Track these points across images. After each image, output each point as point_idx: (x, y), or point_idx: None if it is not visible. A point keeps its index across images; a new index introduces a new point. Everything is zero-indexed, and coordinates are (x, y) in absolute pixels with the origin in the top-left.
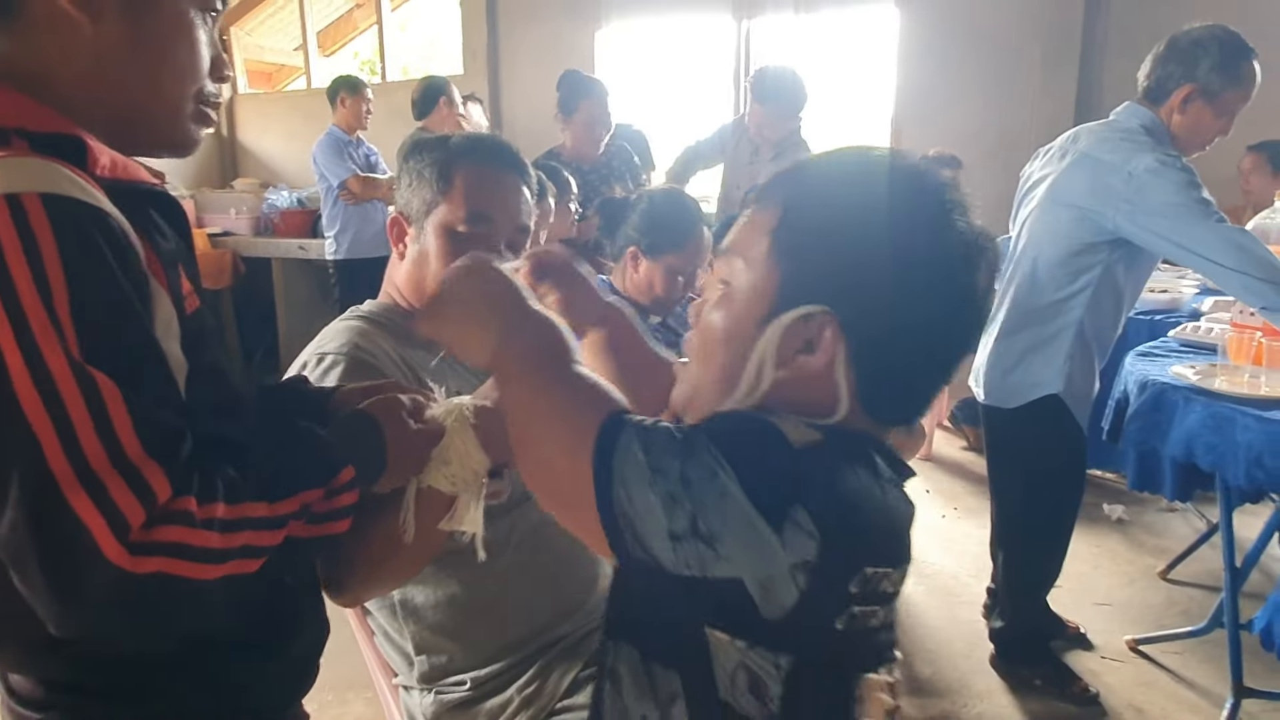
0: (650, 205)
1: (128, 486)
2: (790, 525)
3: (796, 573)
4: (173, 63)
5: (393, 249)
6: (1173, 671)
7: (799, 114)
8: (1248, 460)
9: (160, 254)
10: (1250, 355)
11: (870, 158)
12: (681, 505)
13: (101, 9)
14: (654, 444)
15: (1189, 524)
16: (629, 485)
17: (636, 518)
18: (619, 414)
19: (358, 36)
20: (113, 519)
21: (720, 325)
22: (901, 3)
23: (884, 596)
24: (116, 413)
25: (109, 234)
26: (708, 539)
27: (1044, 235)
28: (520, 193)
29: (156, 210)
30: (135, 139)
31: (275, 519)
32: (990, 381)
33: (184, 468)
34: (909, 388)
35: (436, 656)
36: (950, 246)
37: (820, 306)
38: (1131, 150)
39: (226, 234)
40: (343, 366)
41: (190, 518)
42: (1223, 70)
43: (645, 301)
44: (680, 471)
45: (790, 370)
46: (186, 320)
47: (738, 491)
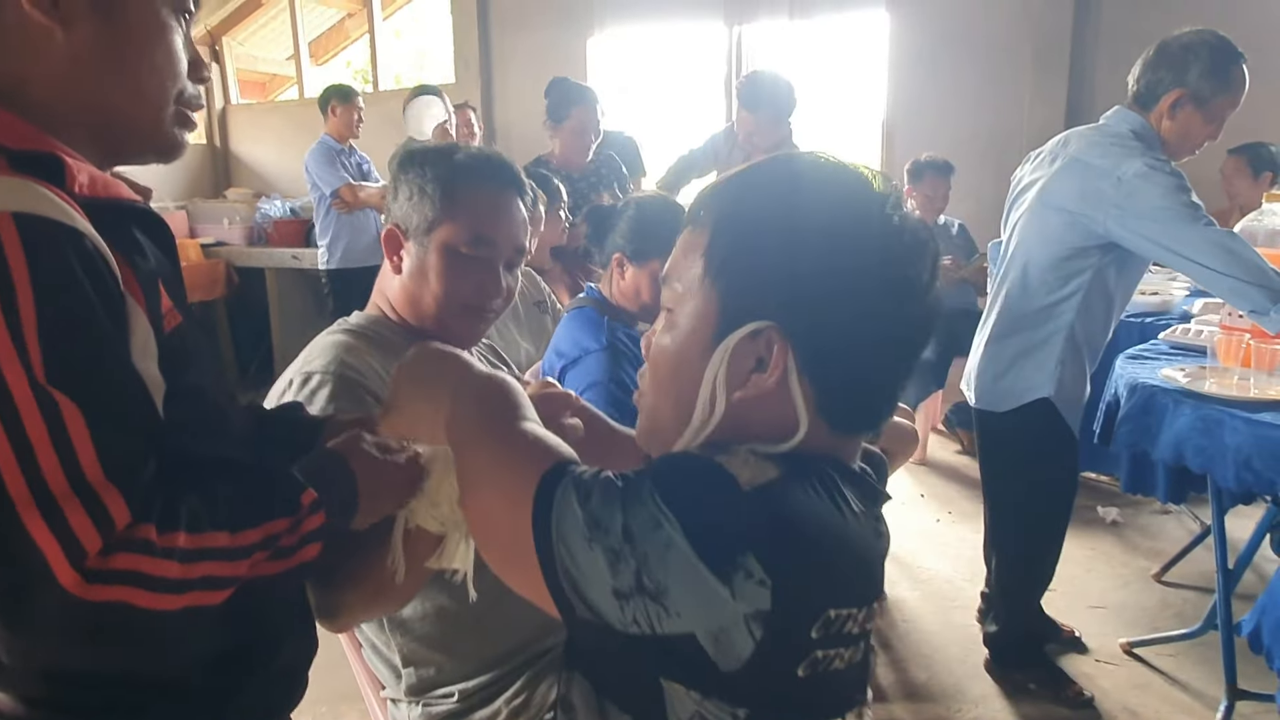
0: (637, 212)
1: (85, 512)
2: (740, 574)
3: (750, 623)
4: (149, 65)
5: (386, 260)
6: (1167, 674)
7: (788, 120)
8: (1237, 463)
9: (138, 273)
10: (1239, 357)
11: (795, 163)
12: (625, 561)
13: (72, 15)
14: (593, 497)
15: (1183, 526)
16: (569, 542)
17: (579, 576)
18: (560, 466)
19: (350, 45)
20: (68, 544)
21: (669, 353)
22: (892, 8)
23: (849, 638)
24: (77, 435)
25: (83, 254)
26: (655, 594)
27: (1034, 240)
28: (521, 213)
29: (139, 227)
30: (118, 145)
31: (238, 549)
32: (982, 386)
33: (145, 494)
34: (866, 392)
35: (424, 669)
36: (885, 241)
37: (765, 321)
38: (1121, 155)
39: (219, 244)
40: (330, 387)
41: (150, 546)
42: (1212, 75)
43: (633, 309)
44: (622, 524)
45: (746, 391)
46: (165, 339)
47: (682, 542)
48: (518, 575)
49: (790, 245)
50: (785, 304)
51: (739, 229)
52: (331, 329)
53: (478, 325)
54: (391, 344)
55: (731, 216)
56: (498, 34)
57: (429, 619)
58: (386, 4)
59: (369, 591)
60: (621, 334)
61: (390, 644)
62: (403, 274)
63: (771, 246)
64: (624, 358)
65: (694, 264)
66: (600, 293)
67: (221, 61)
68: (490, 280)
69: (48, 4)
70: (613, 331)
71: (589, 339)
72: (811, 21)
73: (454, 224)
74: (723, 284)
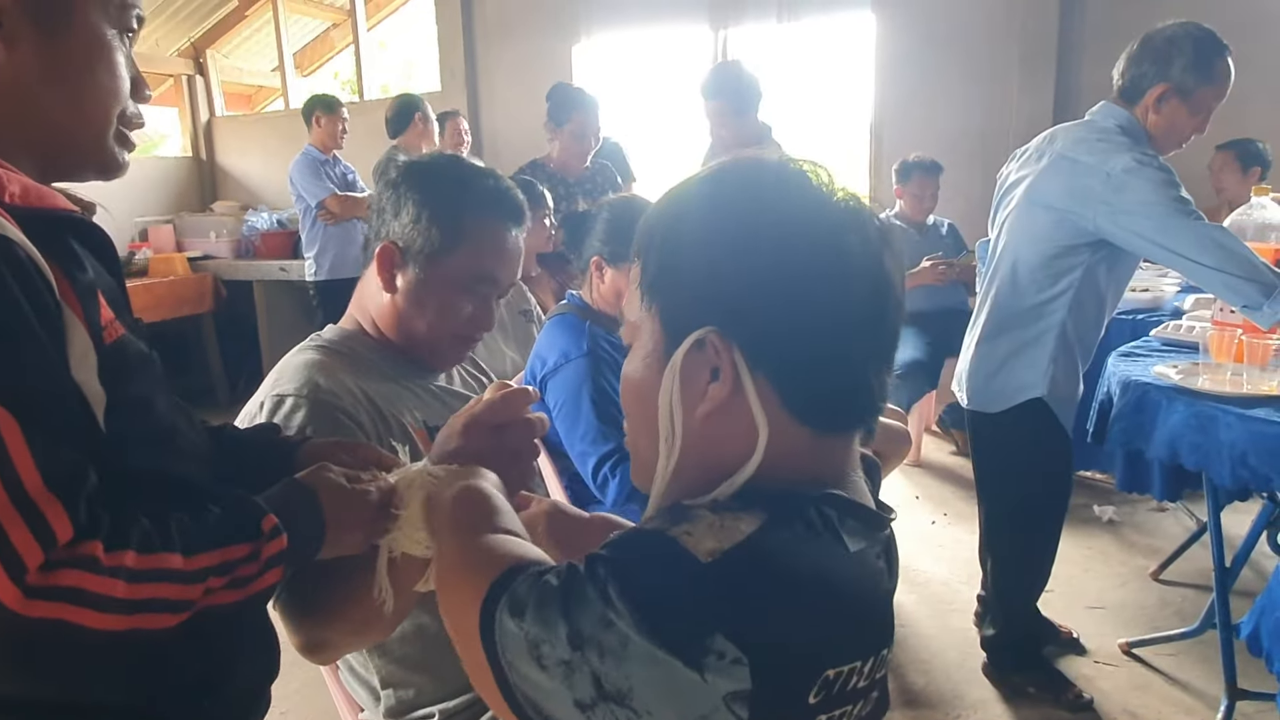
0: (611, 214)
1: (25, 525)
2: (711, 657)
3: (733, 704)
4: (92, 85)
5: (370, 275)
6: (1167, 674)
7: (753, 109)
8: (1232, 459)
9: (75, 284)
10: (1232, 353)
11: (702, 175)
12: (579, 670)
13: (15, 33)
14: (527, 611)
15: (1179, 523)
16: (517, 665)
17: (537, 695)
18: (505, 577)
19: (335, 56)
20: (7, 559)
21: (633, 383)
22: (878, 9)
23: (856, 693)
24: (14, 446)
25: (12, 261)
26: (619, 698)
27: (1023, 238)
28: (520, 247)
29: (76, 238)
30: (58, 162)
31: (191, 573)
32: (973, 386)
33: (89, 507)
34: (829, 376)
35: (404, 690)
36: (805, 215)
37: (705, 328)
38: (1108, 151)
39: (207, 257)
40: (305, 411)
41: (95, 563)
42: (1196, 68)
43: (614, 312)
44: (568, 631)
45: (707, 405)
46: (106, 350)
47: (638, 637)
48: (484, 693)
49: (706, 247)
50: (717, 306)
51: (659, 248)
52: (303, 345)
53: (464, 351)
54: (367, 361)
55: (652, 238)
56: (483, 43)
57: (408, 639)
58: (371, 14)
59: (355, 624)
60: (603, 340)
61: (369, 666)
62: (396, 294)
63: (690, 255)
64: (604, 364)
65: (635, 295)
66: (581, 299)
67: (206, 74)
68: (484, 314)
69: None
70: (594, 338)
71: (570, 345)
72: (797, 24)
73: (461, 257)
74: (659, 304)
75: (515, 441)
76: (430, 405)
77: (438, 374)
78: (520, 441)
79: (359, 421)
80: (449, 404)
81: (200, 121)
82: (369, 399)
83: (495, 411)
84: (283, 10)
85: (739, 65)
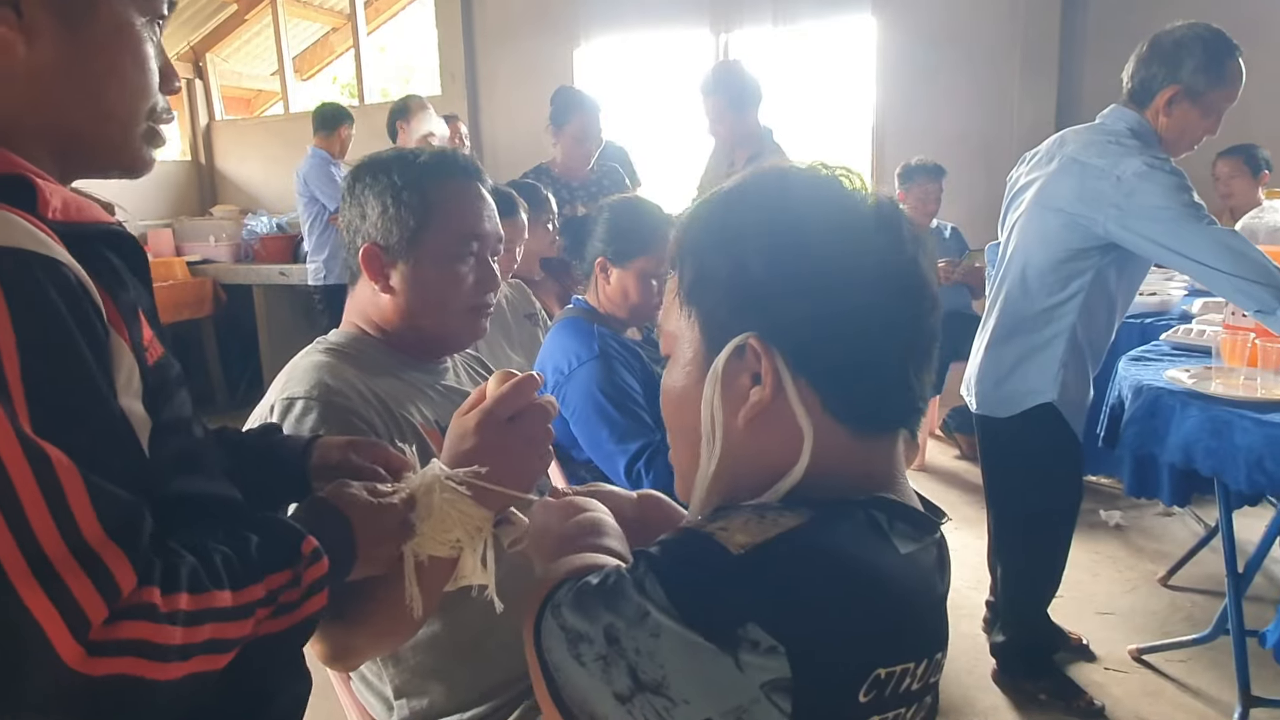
0: (611, 214)
1: (88, 578)
2: (745, 646)
3: (772, 694)
4: (119, 80)
5: (367, 285)
6: (1178, 681)
7: (751, 107)
8: (1248, 464)
9: (120, 304)
10: (1245, 357)
11: (733, 183)
12: (615, 663)
13: (35, 27)
14: (564, 610)
15: (1187, 527)
16: (560, 665)
17: (580, 694)
18: (557, 584)
19: (335, 60)
20: (71, 615)
21: (674, 393)
22: (879, 12)
23: (910, 696)
24: (74, 493)
25: (65, 289)
26: (655, 687)
27: (1033, 241)
28: (488, 200)
29: (113, 250)
30: (82, 163)
31: (241, 608)
32: (983, 391)
33: (147, 552)
34: (867, 375)
35: (417, 700)
36: (838, 218)
37: (745, 333)
38: (1119, 154)
39: (206, 262)
40: (316, 412)
41: (154, 611)
42: (1207, 70)
43: (622, 314)
44: (605, 628)
45: (750, 410)
46: (149, 372)
47: (672, 624)
48: (542, 703)
49: (743, 254)
50: (756, 311)
51: (696, 257)
52: (309, 349)
53: (480, 322)
54: (374, 361)
55: (688, 247)
56: (483, 46)
57: (421, 648)
58: (371, 18)
59: (381, 629)
60: (612, 340)
61: (382, 675)
62: (395, 294)
63: (727, 262)
64: (616, 362)
65: (674, 303)
66: (587, 303)
67: (205, 78)
68: (487, 275)
69: (10, 15)
70: (603, 338)
71: (580, 348)
72: (798, 27)
73: (439, 227)
74: (698, 312)
75: (530, 429)
76: (439, 404)
77: (447, 371)
78: (535, 428)
79: (369, 421)
80: (458, 402)
81: (199, 125)
82: (378, 399)
83: (508, 403)
84: (283, 14)
85: (738, 64)
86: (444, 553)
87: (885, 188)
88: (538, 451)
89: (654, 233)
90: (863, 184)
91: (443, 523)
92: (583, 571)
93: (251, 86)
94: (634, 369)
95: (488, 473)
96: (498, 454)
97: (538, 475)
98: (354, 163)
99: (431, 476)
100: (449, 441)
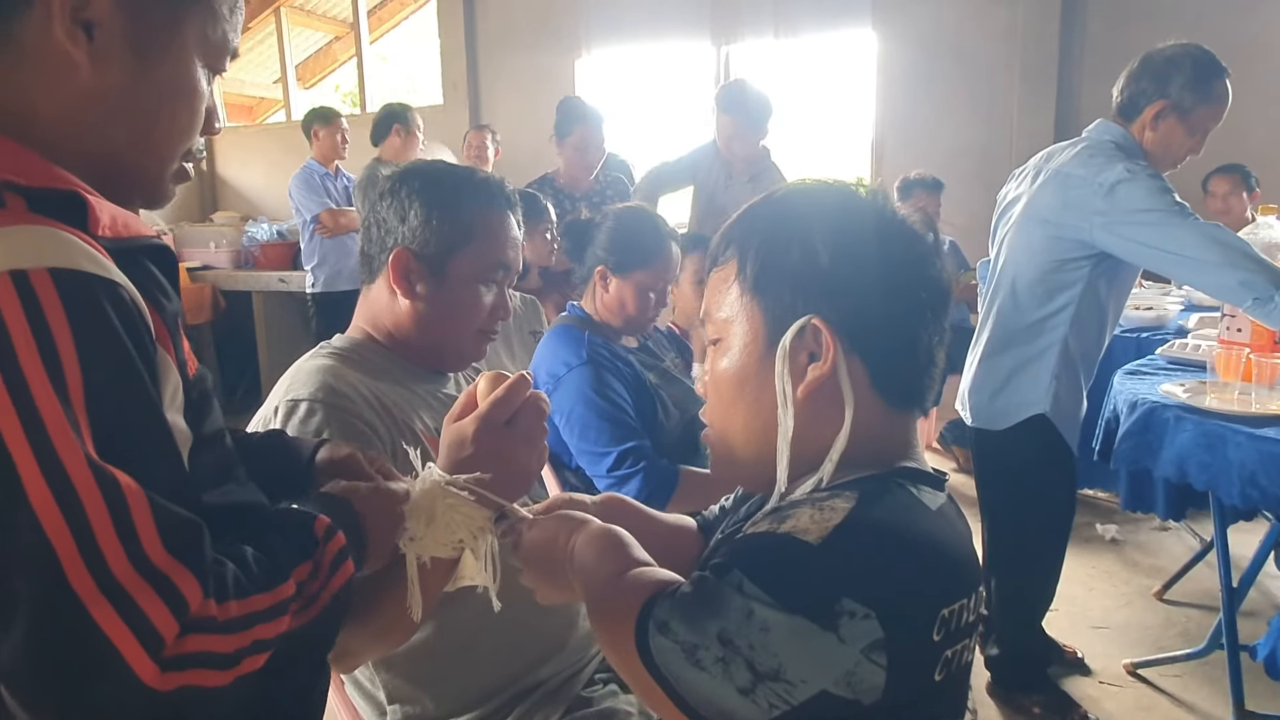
0: (616, 223)
1: (159, 596)
2: (844, 619)
3: (872, 654)
4: (170, 120)
5: (381, 285)
6: (1173, 695)
7: (764, 127)
8: (1242, 479)
9: (165, 318)
10: (1239, 372)
11: (789, 187)
12: (734, 663)
13: (106, 53)
14: (672, 624)
15: (1183, 542)
16: (683, 677)
17: (709, 696)
18: (646, 607)
19: (338, 69)
20: (144, 635)
21: (730, 373)
22: (879, 26)
23: (969, 628)
24: (140, 515)
25: (122, 310)
26: (774, 675)
27: (1022, 254)
28: (519, 233)
29: (156, 265)
30: (110, 190)
31: (277, 606)
32: (977, 404)
33: (209, 568)
34: (910, 355)
35: (409, 706)
36: (883, 223)
37: (807, 315)
38: (1101, 164)
39: (206, 268)
40: (320, 415)
41: (214, 622)
42: (1195, 87)
43: (618, 323)
44: (718, 632)
45: (808, 385)
46: (190, 386)
47: (778, 616)
48: (663, 713)
49: (808, 246)
50: (818, 296)
51: (762, 247)
52: (313, 353)
53: (485, 345)
54: (378, 367)
55: (753, 239)
56: (485, 56)
57: (415, 655)
58: (374, 27)
59: (380, 630)
60: (602, 349)
61: (375, 680)
62: (415, 303)
63: (793, 252)
64: (605, 369)
65: (731, 290)
66: (583, 310)
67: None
68: (502, 304)
69: (82, 36)
70: (593, 346)
71: (570, 354)
72: (799, 40)
73: (475, 250)
74: (761, 297)
75: (526, 428)
76: (440, 412)
77: (447, 381)
78: (531, 426)
79: (372, 425)
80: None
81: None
82: (381, 403)
83: (503, 406)
84: (286, 23)
85: (751, 83)
86: (446, 554)
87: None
88: (535, 448)
89: (656, 247)
90: (887, 197)
91: (447, 527)
92: (657, 587)
93: (254, 94)
94: (624, 377)
95: (489, 476)
96: (497, 458)
97: (536, 474)
98: (343, 163)
99: (432, 483)
100: (445, 448)
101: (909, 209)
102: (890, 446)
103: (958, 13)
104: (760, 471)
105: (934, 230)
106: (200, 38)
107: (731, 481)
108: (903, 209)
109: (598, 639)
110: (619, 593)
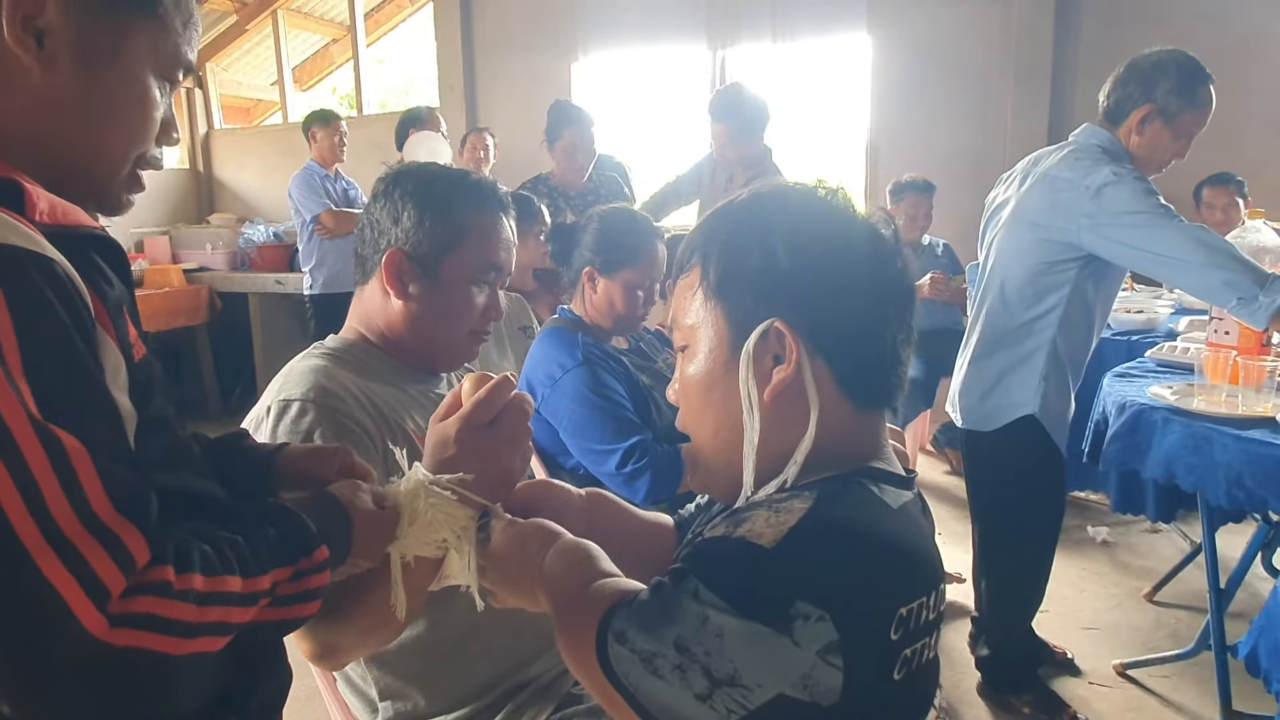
0: (602, 224)
1: (104, 550)
2: (798, 621)
3: (827, 656)
4: (121, 125)
5: (374, 286)
6: (1162, 696)
7: (761, 134)
8: (1228, 480)
9: (106, 301)
10: (1227, 374)
11: (752, 192)
12: (691, 670)
13: (54, 58)
14: (629, 634)
15: (1173, 544)
16: (641, 686)
17: (666, 703)
18: (607, 613)
19: (335, 71)
20: (90, 586)
21: (697, 379)
22: (874, 30)
23: (928, 626)
24: (85, 473)
25: (57, 284)
26: (730, 681)
27: (1010, 257)
28: (512, 235)
29: (98, 254)
30: (62, 192)
31: (248, 595)
32: (968, 406)
33: (157, 529)
34: (875, 355)
35: (401, 702)
36: (844, 223)
37: (770, 319)
38: (1087, 167)
39: (202, 269)
40: (313, 415)
41: (167, 587)
42: (1180, 92)
43: (608, 324)
44: (674, 639)
45: (774, 387)
46: (134, 368)
47: (732, 621)
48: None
49: (767, 249)
50: (780, 299)
51: (723, 252)
52: (306, 353)
53: (477, 346)
54: (370, 367)
55: (714, 245)
56: (482, 59)
57: (406, 652)
58: (371, 30)
59: (367, 628)
60: (595, 349)
61: (367, 678)
62: (409, 300)
63: (753, 256)
64: (600, 367)
65: (695, 297)
66: (573, 312)
67: (205, 87)
68: (494, 306)
69: (31, 41)
70: (586, 347)
71: (564, 356)
72: (794, 44)
73: (468, 252)
74: (724, 302)
75: (509, 429)
76: (432, 412)
77: (439, 381)
78: (515, 427)
79: (364, 425)
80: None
81: (198, 134)
82: (373, 403)
83: (486, 408)
84: (283, 25)
85: (746, 88)
86: (430, 553)
87: (879, 203)
88: (519, 451)
89: (642, 245)
90: (849, 198)
91: (430, 526)
92: (617, 597)
93: (251, 96)
94: (619, 375)
95: (472, 476)
96: (480, 458)
97: (520, 474)
98: (344, 167)
99: (416, 482)
100: (430, 448)
101: (875, 209)
102: (858, 447)
103: (952, 17)
104: (732, 477)
105: (894, 227)
106: (151, 49)
107: (708, 491)
108: (870, 209)
109: (562, 652)
110: (581, 604)
